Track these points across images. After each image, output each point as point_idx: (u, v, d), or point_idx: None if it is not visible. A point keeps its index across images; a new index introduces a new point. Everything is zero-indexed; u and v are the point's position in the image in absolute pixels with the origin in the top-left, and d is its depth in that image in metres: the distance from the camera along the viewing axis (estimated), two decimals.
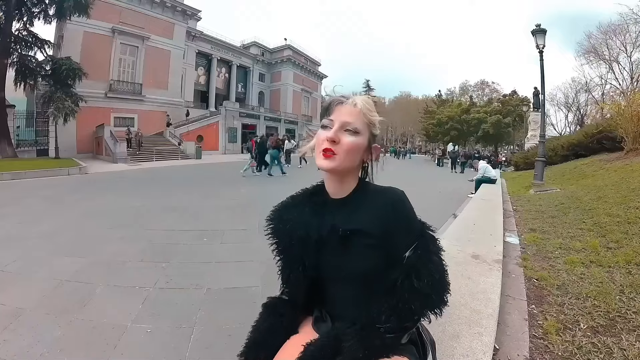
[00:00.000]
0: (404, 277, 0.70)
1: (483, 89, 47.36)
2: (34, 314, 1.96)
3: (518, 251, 2.88)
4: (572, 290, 1.97)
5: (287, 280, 0.83)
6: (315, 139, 0.79)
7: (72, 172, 10.56)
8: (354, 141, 0.74)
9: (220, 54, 31.10)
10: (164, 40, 23.02)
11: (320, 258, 0.78)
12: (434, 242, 0.75)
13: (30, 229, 3.89)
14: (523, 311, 1.79)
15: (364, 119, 0.76)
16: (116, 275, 2.59)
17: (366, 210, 0.76)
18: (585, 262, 2.38)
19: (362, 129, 0.75)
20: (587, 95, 26.93)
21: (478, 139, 36.57)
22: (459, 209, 5.62)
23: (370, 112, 0.76)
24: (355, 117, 0.75)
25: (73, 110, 15.10)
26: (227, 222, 4.51)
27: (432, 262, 0.72)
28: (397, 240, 0.73)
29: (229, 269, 2.80)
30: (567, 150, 11.34)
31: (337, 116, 0.75)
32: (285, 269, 0.82)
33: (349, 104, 0.76)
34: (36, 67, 15.80)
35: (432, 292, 0.70)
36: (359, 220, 0.75)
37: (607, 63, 22.72)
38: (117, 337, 1.76)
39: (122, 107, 20.83)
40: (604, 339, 1.46)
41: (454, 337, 1.25)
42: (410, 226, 0.75)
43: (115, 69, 20.61)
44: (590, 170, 7.53)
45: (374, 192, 0.79)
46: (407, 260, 0.71)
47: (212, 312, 2.07)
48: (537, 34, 8.45)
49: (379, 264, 0.73)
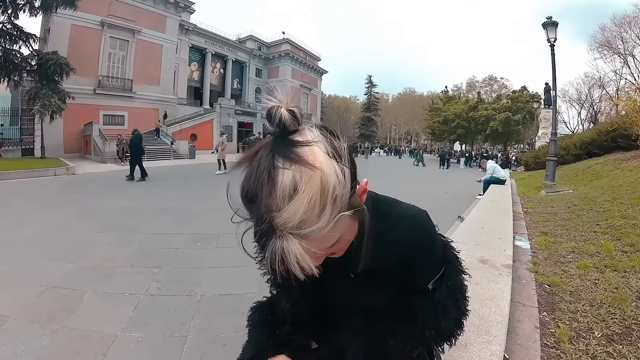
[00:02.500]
0: (428, 314, 0.64)
1: (491, 84, 47.48)
2: (18, 322, 1.95)
3: (528, 255, 2.88)
4: (585, 297, 1.97)
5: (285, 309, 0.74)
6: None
7: (59, 172, 10.55)
8: (342, 246, 0.53)
9: (215, 49, 31.15)
10: (156, 34, 23.04)
11: (328, 294, 0.72)
12: (458, 265, 0.70)
13: (15, 232, 3.89)
14: (534, 319, 1.79)
15: (338, 221, 0.42)
16: (105, 281, 2.59)
17: (381, 246, 0.60)
18: (600, 267, 2.38)
19: (340, 229, 0.44)
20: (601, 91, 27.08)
21: (486, 138, 36.63)
22: (466, 210, 5.62)
23: (343, 189, 0.41)
24: (328, 238, 0.43)
25: (60, 108, 15.10)
26: (221, 225, 4.50)
27: (460, 292, 0.68)
28: (421, 274, 0.67)
29: (224, 275, 2.80)
30: (580, 149, 11.37)
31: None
32: (283, 300, 0.73)
33: (282, 211, 0.38)
34: (21, 62, 15.77)
35: (457, 327, 0.67)
36: (373, 260, 0.61)
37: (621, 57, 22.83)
38: (106, 346, 1.75)
39: (112, 104, 20.84)
40: (619, 348, 1.46)
41: (461, 346, 1.25)
42: (435, 256, 0.67)
43: (104, 64, 20.62)
44: (605, 170, 7.55)
45: (388, 219, 0.63)
46: (434, 294, 0.65)
47: (206, 320, 2.07)
48: (548, 27, 8.47)
49: (399, 295, 0.69)
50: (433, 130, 39.54)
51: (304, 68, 39.61)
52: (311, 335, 0.79)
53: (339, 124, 50.37)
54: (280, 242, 0.38)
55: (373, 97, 55.65)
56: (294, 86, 35.89)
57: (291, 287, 0.69)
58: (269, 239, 0.39)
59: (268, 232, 0.39)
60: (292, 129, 0.42)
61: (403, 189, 8.77)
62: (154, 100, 23.11)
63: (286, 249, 0.38)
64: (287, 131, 0.42)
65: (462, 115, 34.81)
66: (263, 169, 0.39)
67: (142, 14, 22.11)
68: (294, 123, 0.42)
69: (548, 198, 6.03)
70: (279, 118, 0.41)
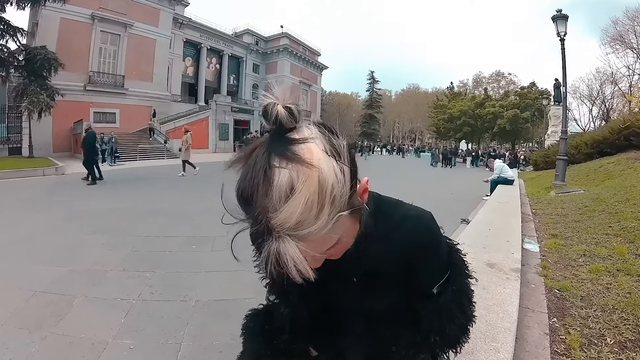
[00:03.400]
0: (433, 318, 0.64)
1: (499, 80, 47.49)
2: (5, 328, 1.96)
3: (538, 259, 2.88)
4: (597, 302, 1.97)
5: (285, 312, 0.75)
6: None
7: (48, 172, 10.58)
8: (339, 248, 0.51)
9: (211, 43, 31.17)
10: (149, 28, 23.06)
11: (328, 298, 0.71)
12: (464, 268, 0.70)
13: (3, 235, 3.89)
14: (543, 325, 1.79)
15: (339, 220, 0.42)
16: (96, 286, 2.59)
17: (385, 249, 0.63)
18: (612, 271, 2.38)
19: (339, 230, 0.44)
20: (613, 87, 27.03)
21: (493, 136, 36.67)
22: (472, 212, 5.62)
23: (342, 188, 0.41)
24: (326, 239, 0.43)
25: (48, 105, 15.11)
26: (217, 227, 4.50)
27: (466, 297, 0.68)
28: (426, 277, 0.67)
29: (220, 279, 2.80)
30: (591, 148, 11.36)
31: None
32: (282, 305, 0.73)
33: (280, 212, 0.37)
34: (8, 57, 15.80)
35: (462, 333, 0.67)
36: (376, 263, 0.64)
37: (635, 52, 22.79)
38: (97, 354, 1.75)
39: (103, 102, 20.86)
40: (632, 355, 1.46)
41: (468, 353, 1.25)
42: (440, 259, 0.67)
43: (95, 60, 20.64)
44: (617, 170, 7.55)
45: (391, 221, 0.63)
46: (439, 298, 0.65)
47: (201, 326, 2.07)
48: (558, 20, 8.47)
49: (403, 298, 0.68)
50: (438, 128, 39.59)
51: (303, 63, 39.62)
52: (311, 341, 0.80)
53: (337, 121, 50.09)
54: (277, 244, 0.38)
55: (375, 94, 55.45)
56: (292, 82, 35.92)
57: (290, 291, 0.70)
58: (265, 241, 0.39)
59: (264, 234, 0.38)
60: (289, 127, 0.42)
61: (405, 189, 8.81)
62: (146, 97, 23.10)
63: (282, 251, 0.38)
64: (284, 129, 0.41)
65: (468, 112, 34.85)
66: (259, 168, 0.39)
67: (134, 7, 22.12)
68: (291, 120, 0.42)
69: (558, 199, 6.03)
70: (275, 115, 0.41)
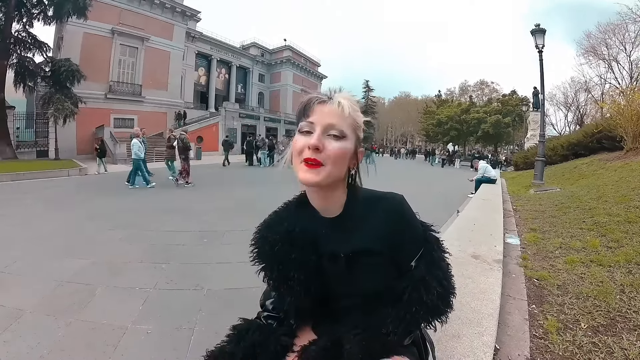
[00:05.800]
0: (412, 290, 0.66)
1: (482, 89, 47.41)
2: (34, 315, 1.96)
3: (518, 251, 2.88)
4: (572, 290, 1.97)
5: (283, 302, 0.78)
6: (291, 147, 0.66)
7: (72, 173, 10.53)
8: (341, 147, 0.63)
9: (220, 55, 31.10)
10: (164, 41, 23.00)
11: (321, 281, 0.72)
12: (438, 245, 0.72)
13: (30, 230, 3.89)
14: (523, 311, 1.79)
15: (349, 121, 0.65)
16: (116, 276, 2.59)
17: (365, 227, 0.69)
18: (586, 262, 2.38)
19: (349, 132, 0.65)
20: (587, 95, 26.96)
21: (478, 139, 36.66)
22: (459, 208, 5.61)
23: (356, 112, 0.67)
24: (340, 118, 0.64)
25: (72, 112, 15.08)
26: (226, 223, 4.51)
27: (440, 269, 0.69)
28: (403, 252, 0.69)
29: (230, 270, 2.80)
30: (566, 150, 11.36)
31: (319, 118, 0.63)
32: (284, 295, 0.75)
33: (332, 102, 0.64)
34: (35, 68, 15.80)
35: (441, 302, 0.68)
36: (359, 241, 0.68)
37: (606, 62, 22.76)
38: (117, 338, 1.75)
39: (122, 108, 20.78)
40: (604, 339, 1.46)
41: (454, 337, 1.25)
42: (414, 235, 0.70)
43: (114, 70, 20.58)
44: (590, 170, 7.54)
45: (369, 201, 0.71)
46: (415, 271, 0.68)
47: (212, 313, 2.07)
48: (537, 34, 8.47)
49: (388, 278, 0.70)
50: (427, 132, 39.58)
51: (304, 73, 39.52)
52: (313, 327, 0.80)
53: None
54: (337, 96, 0.65)
55: (370, 101, 55.49)
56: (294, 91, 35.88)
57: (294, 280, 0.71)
58: (326, 102, 0.65)
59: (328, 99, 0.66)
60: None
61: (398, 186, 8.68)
62: (162, 104, 23.05)
63: (338, 98, 0.65)
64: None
65: (454, 118, 34.87)
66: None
67: (150, 22, 22.07)
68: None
69: (536, 196, 6.02)
70: (339, 89, 0.69)
